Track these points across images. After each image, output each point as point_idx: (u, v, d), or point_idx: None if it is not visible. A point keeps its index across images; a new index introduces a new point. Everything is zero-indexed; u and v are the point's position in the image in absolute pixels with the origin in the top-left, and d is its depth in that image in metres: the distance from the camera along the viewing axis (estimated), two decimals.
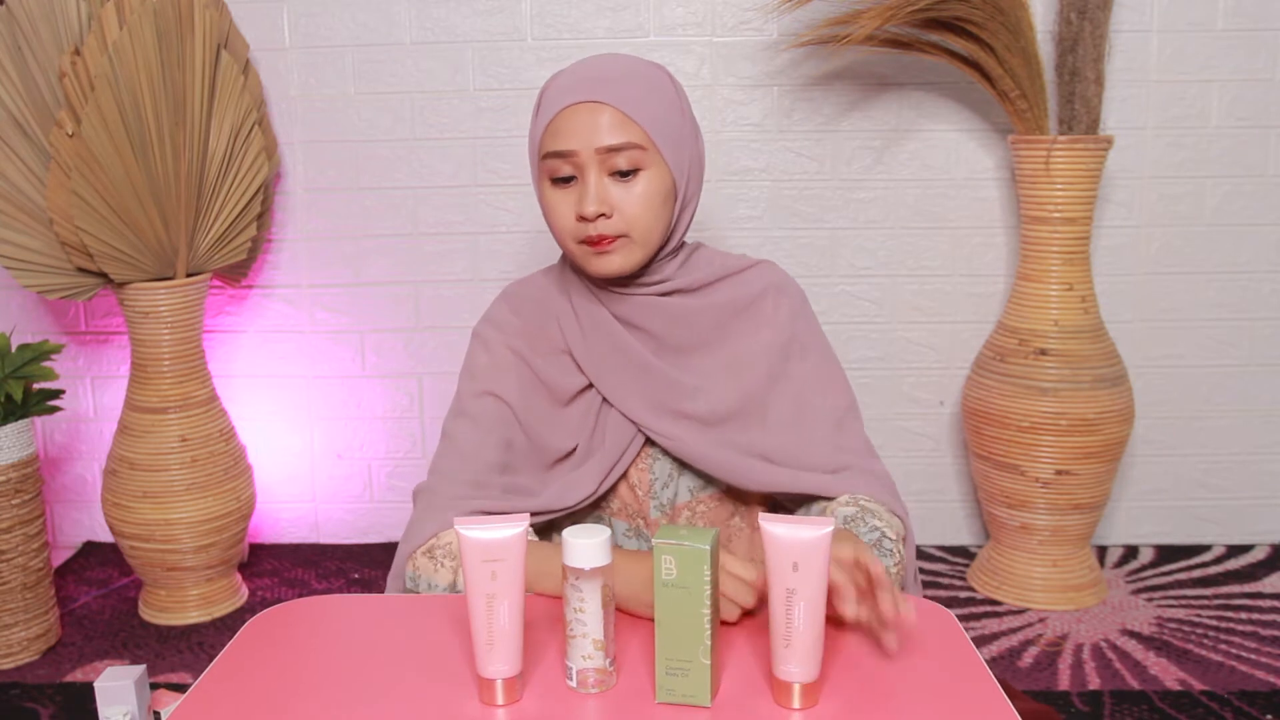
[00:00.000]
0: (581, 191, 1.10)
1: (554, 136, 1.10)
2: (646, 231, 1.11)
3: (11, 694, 1.85)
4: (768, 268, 1.23)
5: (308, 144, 2.29)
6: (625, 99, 1.09)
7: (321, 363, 2.39)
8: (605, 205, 1.09)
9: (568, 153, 1.09)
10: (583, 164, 1.09)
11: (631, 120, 1.08)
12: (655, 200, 1.11)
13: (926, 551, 2.40)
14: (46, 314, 2.39)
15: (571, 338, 1.19)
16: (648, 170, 1.10)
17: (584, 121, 1.08)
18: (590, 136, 1.08)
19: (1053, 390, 2.02)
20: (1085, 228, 2.05)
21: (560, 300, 1.22)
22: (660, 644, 0.84)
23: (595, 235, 1.10)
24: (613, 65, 1.12)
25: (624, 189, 1.10)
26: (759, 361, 1.18)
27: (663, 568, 0.83)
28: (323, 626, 0.99)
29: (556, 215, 1.12)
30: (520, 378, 1.20)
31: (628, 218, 1.10)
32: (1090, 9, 2.00)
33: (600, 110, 1.08)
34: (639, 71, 1.12)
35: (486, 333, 1.23)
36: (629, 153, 1.09)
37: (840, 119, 2.26)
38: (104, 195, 1.91)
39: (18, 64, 1.90)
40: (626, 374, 1.17)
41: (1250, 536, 2.41)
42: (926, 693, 0.85)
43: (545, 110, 1.12)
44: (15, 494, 1.92)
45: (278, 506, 2.46)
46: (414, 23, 2.24)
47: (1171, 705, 1.75)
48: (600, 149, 1.08)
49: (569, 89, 1.10)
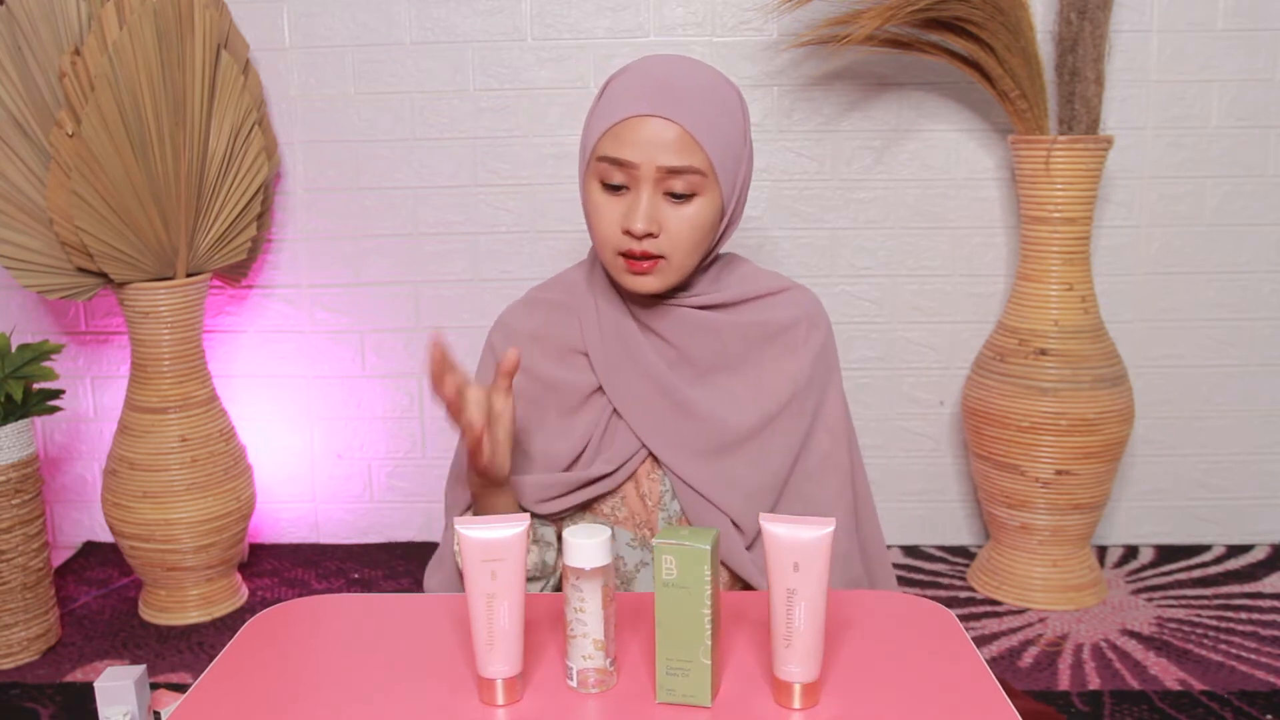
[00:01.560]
0: (632, 205, 1.07)
1: (615, 142, 1.06)
2: (686, 256, 1.09)
3: (11, 694, 1.85)
4: (801, 294, 1.21)
5: (308, 144, 2.29)
6: (697, 121, 1.05)
7: (321, 363, 2.39)
8: (654, 225, 1.06)
9: (627, 163, 1.06)
10: (640, 178, 1.06)
11: (698, 145, 1.05)
12: (703, 228, 1.08)
13: (926, 551, 2.40)
14: (46, 314, 2.39)
15: (590, 337, 1.17)
16: (702, 197, 1.07)
17: (650, 135, 1.05)
18: (654, 152, 1.05)
19: (1053, 390, 2.02)
20: (1085, 228, 2.05)
21: (585, 297, 1.19)
22: (661, 644, 0.84)
23: (638, 251, 1.07)
24: (686, 75, 1.08)
25: (675, 211, 1.07)
26: (781, 391, 1.16)
27: (663, 568, 0.83)
28: (323, 626, 0.99)
29: (600, 220, 1.10)
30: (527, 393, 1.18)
31: (673, 240, 1.07)
32: (1090, 9, 2.00)
33: (668, 128, 1.05)
34: (712, 88, 1.09)
35: (498, 344, 1.22)
36: (689, 177, 1.06)
37: (840, 119, 2.26)
38: (104, 195, 1.91)
39: (18, 64, 1.90)
40: (639, 387, 1.15)
41: (1250, 536, 2.41)
42: (926, 693, 0.85)
43: (610, 110, 1.08)
44: (15, 494, 1.92)
45: (278, 506, 2.46)
46: (414, 23, 2.24)
47: (1171, 705, 1.75)
48: (661, 168, 1.05)
49: (640, 95, 1.06)
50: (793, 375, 1.16)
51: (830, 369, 1.20)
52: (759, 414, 1.15)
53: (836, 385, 1.21)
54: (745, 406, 1.15)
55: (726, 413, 1.14)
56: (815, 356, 1.18)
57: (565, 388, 1.17)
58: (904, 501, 2.43)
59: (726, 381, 1.16)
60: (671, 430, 1.14)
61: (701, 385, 1.16)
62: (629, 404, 1.15)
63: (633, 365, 1.15)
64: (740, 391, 1.16)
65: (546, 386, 1.18)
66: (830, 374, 1.20)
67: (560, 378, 1.18)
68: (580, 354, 1.18)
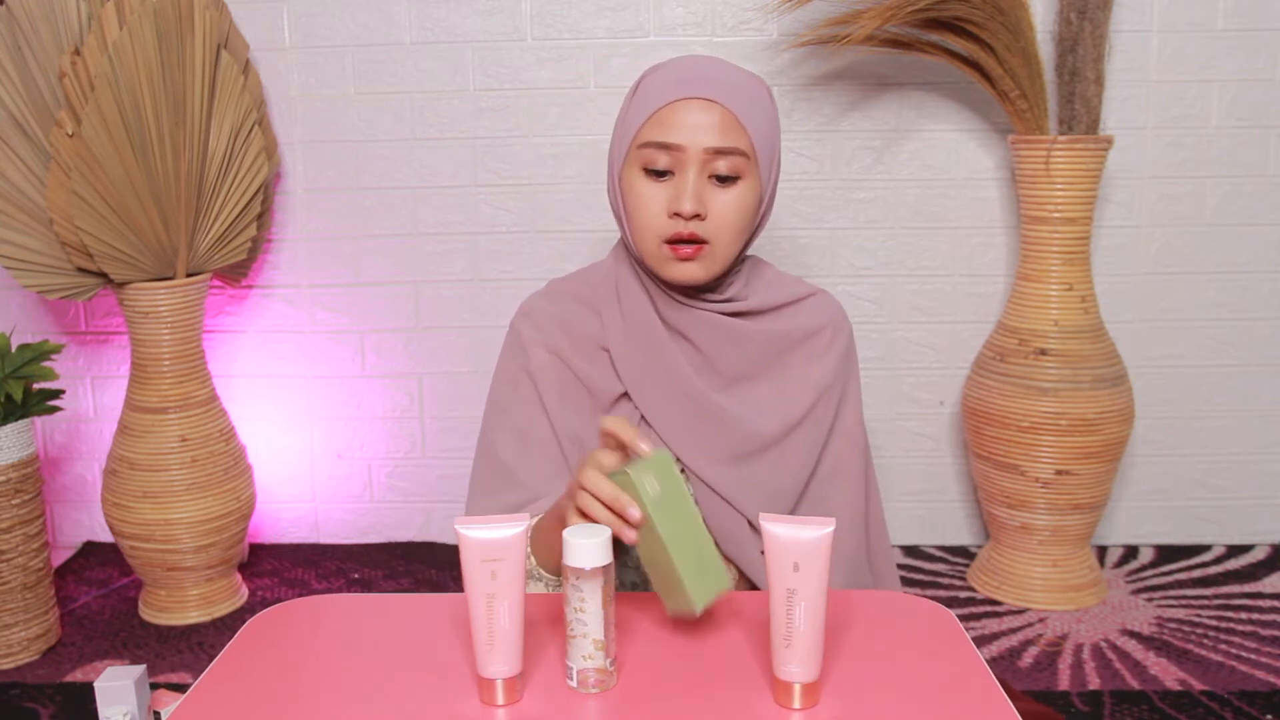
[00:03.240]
0: (679, 187, 1.07)
1: (659, 126, 1.07)
2: (730, 242, 1.09)
3: (11, 694, 1.85)
4: (826, 299, 1.21)
5: (308, 144, 2.29)
6: (738, 103, 1.07)
7: (321, 363, 2.39)
8: (702, 205, 1.06)
9: (673, 146, 1.06)
10: (685, 160, 1.06)
11: (741, 126, 1.06)
12: (747, 211, 1.09)
13: (926, 551, 2.40)
14: (46, 314, 2.39)
15: (613, 336, 1.15)
16: (745, 180, 1.08)
17: (696, 118, 1.06)
18: (700, 134, 1.05)
19: (1053, 390, 2.02)
20: (1085, 228, 2.05)
21: (608, 294, 1.17)
22: (677, 558, 0.88)
23: (686, 233, 1.07)
24: (719, 68, 1.10)
25: (721, 194, 1.07)
26: (805, 398, 1.16)
27: (646, 488, 0.87)
28: (323, 626, 0.99)
29: (643, 208, 1.09)
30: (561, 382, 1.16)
31: (719, 224, 1.07)
32: (1090, 9, 2.00)
33: (713, 109, 1.06)
34: (746, 80, 1.11)
35: (525, 331, 1.18)
36: (733, 158, 1.06)
37: (840, 119, 2.26)
38: (104, 195, 1.91)
39: (18, 64, 1.90)
40: (666, 391, 1.13)
41: (1250, 536, 2.41)
42: (926, 693, 0.85)
43: (650, 98, 1.08)
44: (15, 494, 1.92)
45: (278, 506, 2.46)
46: (414, 23, 2.24)
47: (1171, 705, 1.75)
48: (709, 149, 1.06)
49: (681, 82, 1.07)
50: (817, 382, 1.17)
51: (851, 375, 1.21)
52: (783, 420, 1.15)
53: (855, 391, 1.22)
54: (770, 413, 1.15)
55: (752, 419, 1.14)
56: (839, 363, 1.18)
57: (596, 387, 1.16)
58: (904, 501, 2.43)
59: (752, 388, 1.16)
60: (698, 435, 1.13)
61: (728, 392, 1.15)
62: (656, 409, 1.14)
63: (661, 369, 1.14)
64: (766, 398, 1.16)
65: (579, 377, 1.17)
66: (850, 380, 1.21)
67: (589, 373, 1.16)
68: (603, 350, 1.17)
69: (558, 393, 1.16)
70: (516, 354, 1.19)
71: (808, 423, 1.16)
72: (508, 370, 1.20)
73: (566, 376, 1.16)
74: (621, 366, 1.14)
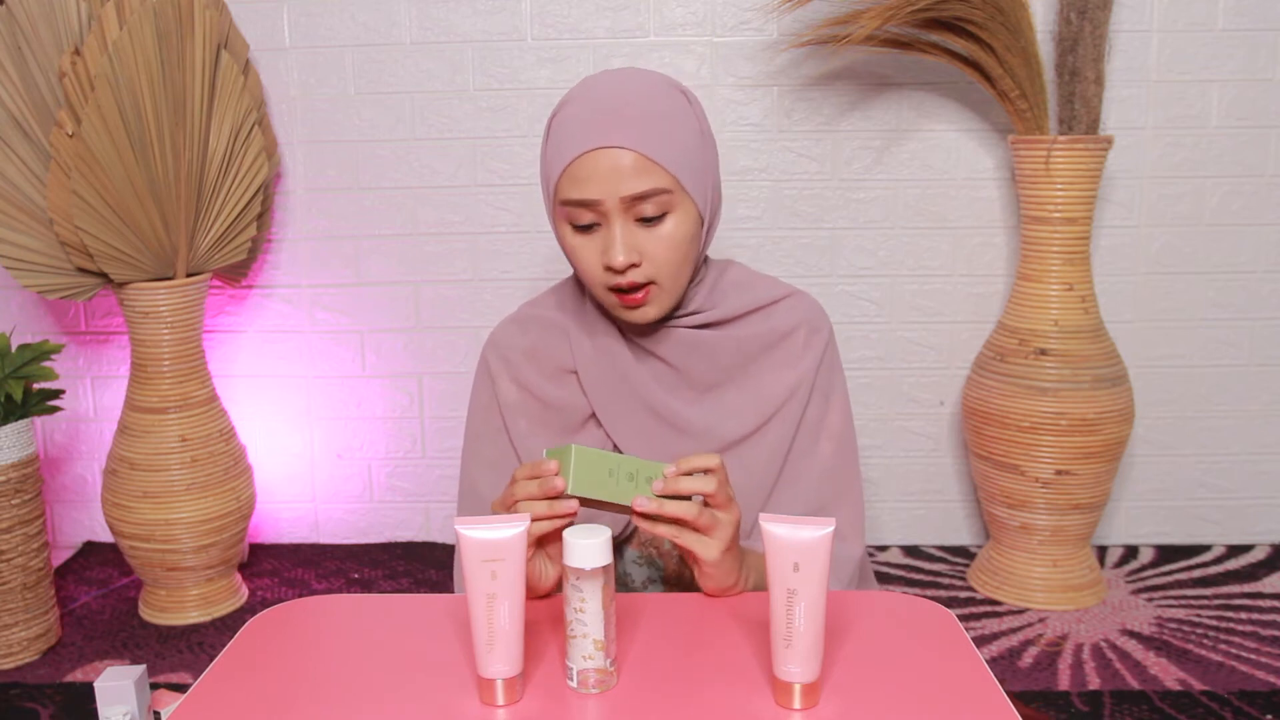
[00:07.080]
0: (607, 240, 1.03)
1: (573, 183, 1.02)
2: (676, 275, 1.06)
3: (11, 694, 1.85)
4: (801, 300, 1.18)
5: (308, 144, 2.29)
6: (647, 140, 1.01)
7: (321, 363, 2.39)
8: (634, 254, 1.03)
9: (590, 202, 1.02)
10: (607, 212, 1.02)
11: (655, 164, 1.01)
12: (684, 242, 1.05)
13: (926, 551, 2.40)
14: (46, 314, 2.39)
15: (580, 358, 1.14)
16: (675, 212, 1.04)
17: (606, 168, 1.01)
18: (613, 185, 1.01)
19: (1053, 390, 2.02)
20: (1085, 228, 2.05)
21: (574, 316, 1.16)
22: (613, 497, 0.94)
23: (625, 284, 1.04)
24: (627, 93, 1.04)
25: (651, 234, 1.03)
26: (776, 397, 1.14)
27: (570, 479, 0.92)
28: (323, 626, 0.99)
29: (581, 262, 1.06)
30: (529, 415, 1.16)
31: (658, 263, 1.04)
32: (1090, 9, 2.00)
33: (622, 155, 1.01)
34: (656, 99, 1.04)
35: (492, 364, 1.18)
36: (656, 199, 1.02)
37: (840, 119, 2.26)
38: (104, 195, 1.91)
39: (18, 64, 1.90)
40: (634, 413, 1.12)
41: (1250, 536, 2.41)
42: (926, 693, 0.85)
43: (560, 150, 1.04)
44: (15, 494, 1.92)
45: (278, 506, 2.46)
46: (414, 23, 2.24)
47: (1171, 705, 1.75)
48: (625, 198, 1.01)
49: (585, 128, 1.02)
50: (791, 383, 1.15)
51: (833, 375, 1.19)
52: (752, 421, 1.13)
53: (840, 392, 1.19)
54: (737, 416, 1.14)
55: (720, 424, 1.13)
56: (816, 363, 1.16)
57: (565, 407, 1.15)
58: (904, 501, 2.43)
59: (722, 395, 1.15)
60: (666, 452, 1.12)
61: (700, 404, 1.14)
62: (623, 428, 1.13)
63: (628, 391, 1.13)
64: (735, 403, 1.14)
65: (546, 405, 1.16)
66: (833, 380, 1.19)
67: (557, 396, 1.16)
68: (572, 373, 1.16)
69: (526, 426, 1.16)
70: (486, 384, 1.19)
71: (775, 421, 1.14)
72: (480, 399, 1.20)
73: (534, 407, 1.16)
74: (589, 389, 1.14)
